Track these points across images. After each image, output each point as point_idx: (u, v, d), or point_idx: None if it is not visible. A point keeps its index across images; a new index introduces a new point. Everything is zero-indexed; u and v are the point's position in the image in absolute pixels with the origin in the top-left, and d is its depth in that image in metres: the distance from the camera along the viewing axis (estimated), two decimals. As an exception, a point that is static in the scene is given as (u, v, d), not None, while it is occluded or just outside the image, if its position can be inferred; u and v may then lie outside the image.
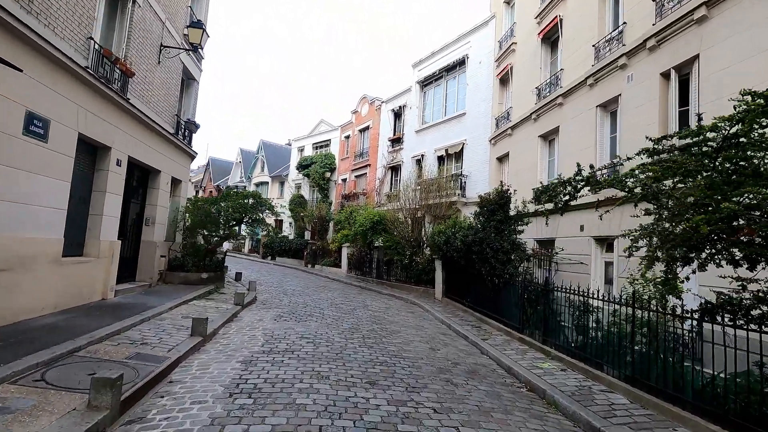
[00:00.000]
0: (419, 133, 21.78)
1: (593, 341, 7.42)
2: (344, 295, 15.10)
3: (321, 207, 27.72)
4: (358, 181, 27.49)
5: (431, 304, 14.02)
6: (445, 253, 14.10)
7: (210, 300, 10.76)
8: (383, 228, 18.90)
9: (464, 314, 12.40)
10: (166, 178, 11.52)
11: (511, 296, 10.50)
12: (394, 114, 24.50)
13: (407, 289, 17.04)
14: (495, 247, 10.63)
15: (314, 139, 33.82)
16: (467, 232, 11.85)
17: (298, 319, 9.76)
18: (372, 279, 19.64)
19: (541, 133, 12.88)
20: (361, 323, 9.96)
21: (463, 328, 10.49)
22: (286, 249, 30.19)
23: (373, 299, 14.67)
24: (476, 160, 17.85)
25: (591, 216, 10.00)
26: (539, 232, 12.37)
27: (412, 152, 21.98)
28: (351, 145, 29.01)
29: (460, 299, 13.54)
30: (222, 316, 8.99)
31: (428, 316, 12.31)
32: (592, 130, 10.39)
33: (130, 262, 10.59)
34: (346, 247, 22.68)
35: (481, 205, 11.83)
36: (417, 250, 17.57)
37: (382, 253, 19.41)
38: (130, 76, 8.79)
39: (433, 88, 21.49)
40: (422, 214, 17.90)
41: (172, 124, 11.71)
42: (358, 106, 28.49)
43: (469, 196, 17.81)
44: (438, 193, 17.60)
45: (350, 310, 11.68)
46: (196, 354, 6.48)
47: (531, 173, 13.29)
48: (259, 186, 40.49)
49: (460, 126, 19.05)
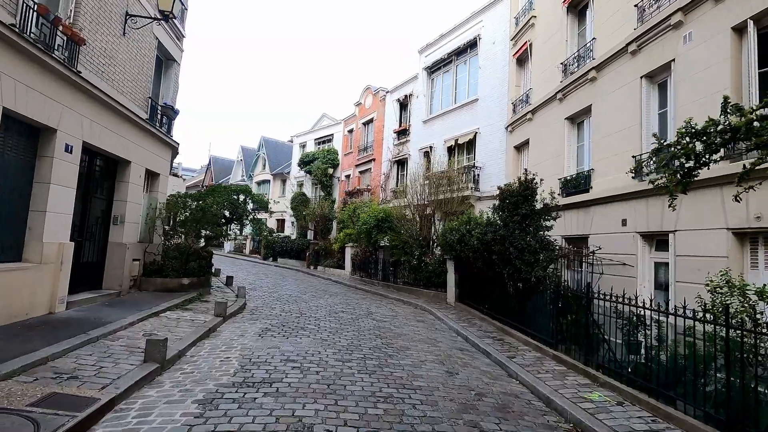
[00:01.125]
0: (427, 123, 20.17)
1: (655, 365, 5.80)
2: (346, 300, 13.56)
3: (323, 205, 26.21)
4: (362, 177, 25.95)
5: (443, 311, 12.44)
6: (459, 253, 12.50)
7: (187, 310, 9.26)
8: (389, 226, 17.33)
9: (482, 323, 10.80)
10: (138, 170, 10.03)
11: (540, 303, 8.89)
12: (399, 104, 22.90)
13: (416, 292, 15.46)
14: (520, 245, 9.01)
15: (316, 135, 32.33)
16: (485, 229, 10.24)
17: (287, 333, 8.22)
18: (377, 281, 18.08)
19: (569, 114, 11.23)
20: (362, 337, 8.40)
21: (483, 341, 8.90)
22: (287, 250, 28.75)
23: (379, 305, 13.11)
24: (490, 150, 16.21)
25: (637, 207, 8.36)
26: (568, 228, 10.72)
27: (419, 144, 20.38)
28: (354, 140, 27.46)
29: (477, 305, 11.95)
30: (195, 332, 7.48)
31: (441, 326, 10.73)
32: (635, 106, 8.73)
33: (94, 267, 9.12)
34: (349, 247, 21.15)
35: (501, 197, 10.21)
36: (426, 250, 15.98)
37: (388, 254, 17.85)
38: (81, 45, 7.29)
39: (442, 75, 19.87)
40: (432, 211, 16.31)
41: (144, 109, 10.22)
42: (361, 98, 26.94)
43: (483, 190, 16.18)
44: (449, 187, 15.99)
45: (351, 320, 10.13)
46: (144, 389, 4.96)
47: (556, 162, 11.65)
48: (260, 185, 39.11)
49: (471, 114, 17.41)
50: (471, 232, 11.58)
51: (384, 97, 24.32)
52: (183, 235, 12.24)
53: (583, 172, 10.56)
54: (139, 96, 10.00)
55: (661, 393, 5.39)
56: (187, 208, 11.71)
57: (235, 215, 13.22)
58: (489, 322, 10.77)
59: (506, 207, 9.86)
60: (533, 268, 8.89)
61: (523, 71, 14.92)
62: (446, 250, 13.80)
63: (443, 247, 14.05)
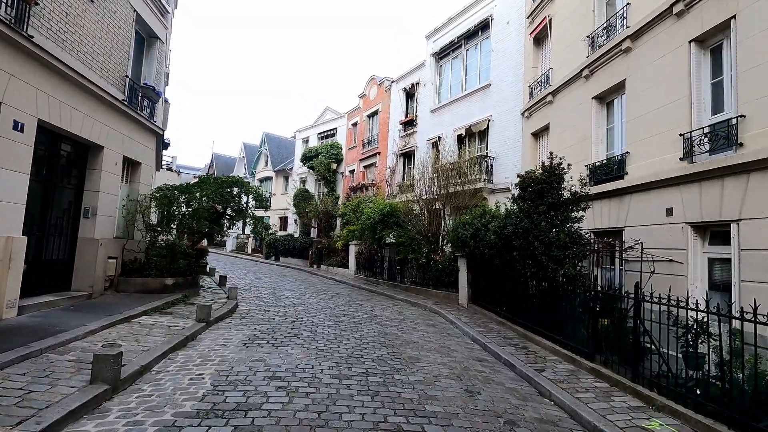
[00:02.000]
0: (435, 112, 18.96)
1: (733, 385, 4.59)
2: (349, 302, 12.41)
3: (326, 201, 25.07)
4: (367, 171, 24.78)
5: (455, 313, 11.25)
6: (473, 250, 11.31)
7: (166, 314, 8.16)
8: (395, 221, 16.15)
9: (500, 328, 9.61)
10: (113, 157, 8.94)
11: (570, 306, 7.67)
12: (405, 93, 21.70)
13: (424, 293, 14.29)
14: (546, 239, 7.80)
15: (319, 129, 31.21)
16: (505, 222, 9.04)
17: (278, 342, 7.08)
18: (383, 281, 16.92)
19: (597, 93, 9.98)
20: (365, 346, 7.25)
21: (504, 349, 7.71)
22: (290, 248, 27.68)
23: (384, 307, 11.95)
24: (505, 139, 14.98)
25: (686, 193, 7.12)
26: (597, 220, 9.49)
27: (427, 135, 19.18)
28: (359, 133, 26.31)
29: (492, 307, 10.76)
30: (168, 341, 6.36)
31: (454, 331, 9.55)
32: (682, 76, 7.48)
33: (61, 266, 8.05)
34: (353, 245, 20.01)
35: (522, 185, 9.00)
36: (435, 247, 14.80)
37: (395, 251, 16.69)
38: (31, 4, 6.20)
39: (451, 61, 18.64)
40: (441, 205, 15.11)
41: (120, 88, 9.12)
42: (365, 89, 25.77)
43: (497, 182, 14.95)
44: (459, 179, 14.79)
45: (353, 325, 8.98)
46: (81, 422, 3.84)
47: (581, 147, 10.40)
48: (263, 182, 38.10)
49: (484, 100, 16.18)
50: (487, 225, 10.39)
51: (389, 87, 23.13)
52: (169, 231, 11.18)
53: (615, 157, 9.32)
54: (114, 74, 8.91)
55: (750, 426, 4.17)
56: (174, 201, 10.65)
57: (229, 210, 12.10)
58: (508, 326, 9.58)
59: (529, 196, 8.64)
60: (562, 265, 7.67)
61: (541, 51, 13.66)
62: (458, 246, 12.61)
63: (454, 243, 12.87)
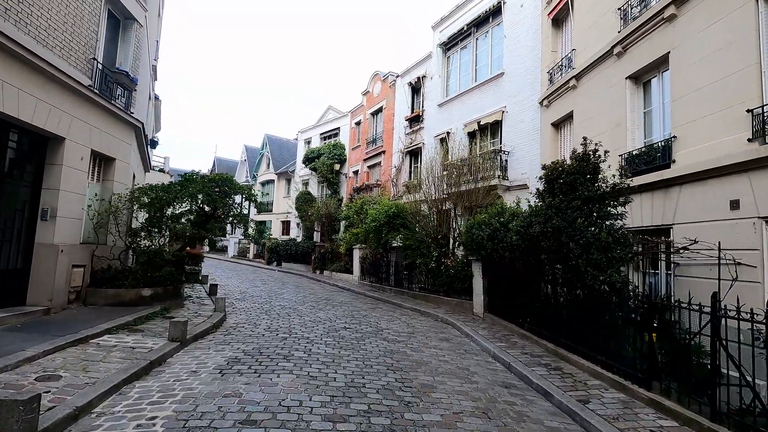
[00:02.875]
0: (443, 106, 17.75)
1: None
2: (351, 312, 11.17)
3: (329, 203, 23.89)
4: (372, 172, 23.60)
5: (471, 325, 9.99)
6: (489, 253, 10.05)
7: (135, 332, 6.97)
8: (402, 223, 14.93)
9: (524, 342, 8.33)
10: (77, 150, 7.80)
11: (613, 319, 6.39)
12: (411, 88, 20.52)
13: (435, 300, 13.03)
14: (584, 240, 6.52)
15: (322, 129, 30.11)
16: (530, 220, 7.76)
17: (262, 366, 5.85)
18: (389, 288, 15.68)
19: (632, 72, 8.71)
20: (368, 371, 6.00)
21: (534, 372, 6.44)
22: (292, 253, 26.51)
23: (391, 318, 10.70)
24: (520, 132, 13.72)
25: (758, 182, 5.83)
26: (636, 217, 8.19)
27: (434, 131, 17.96)
28: (362, 132, 25.15)
29: (513, 317, 9.49)
30: (125, 369, 5.16)
31: (471, 347, 8.28)
32: (748, 40, 6.20)
33: (13, 276, 6.89)
34: (357, 249, 18.79)
35: (549, 178, 7.73)
36: (446, 251, 13.55)
37: (402, 256, 15.45)
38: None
39: (459, 51, 17.43)
40: (451, 205, 13.87)
41: (86, 73, 8.00)
42: (369, 86, 24.63)
43: (513, 179, 13.68)
44: (471, 176, 13.54)
45: (355, 342, 7.74)
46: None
47: (614, 134, 9.12)
48: (265, 185, 37.06)
49: (496, 91, 14.95)
50: (506, 225, 9.13)
51: (394, 82, 21.97)
52: (150, 236, 10.02)
53: (657, 144, 8.03)
54: (79, 56, 7.78)
55: None
56: (161, 202, 9.52)
57: (217, 211, 10.94)
58: (533, 341, 8.30)
59: (559, 189, 7.37)
60: (604, 270, 6.39)
61: (561, 33, 12.41)
62: (472, 249, 11.35)
63: (468, 246, 11.60)
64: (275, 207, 34.63)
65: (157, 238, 10.23)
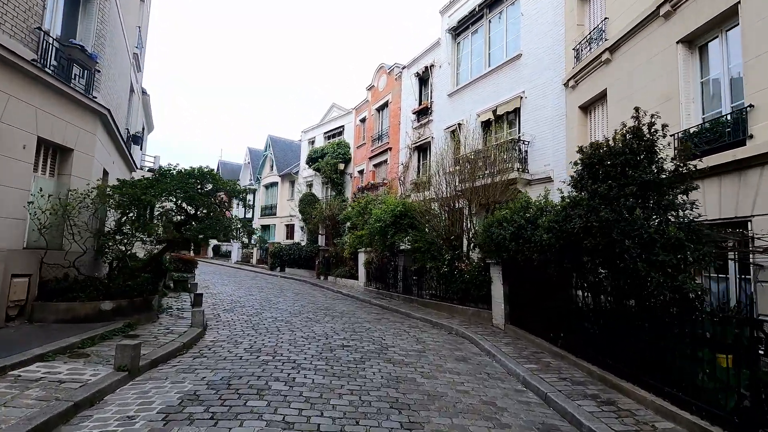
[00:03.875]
0: (454, 96, 16.31)
1: None
2: (352, 325, 9.74)
3: (332, 204, 22.51)
4: (378, 170, 22.21)
5: (491, 339, 8.51)
6: (513, 255, 8.57)
7: (79, 357, 5.61)
8: (409, 223, 13.50)
9: (558, 362, 6.83)
10: (20, 138, 6.51)
11: (686, 340, 4.86)
12: (418, 79, 19.11)
13: (448, 309, 11.55)
14: (646, 236, 5.02)
15: (326, 128, 28.83)
16: (569, 213, 6.26)
17: (224, 407, 4.43)
18: (397, 294, 14.22)
19: (686, 34, 7.20)
20: (366, 410, 4.56)
21: (581, 407, 4.95)
22: (295, 258, 25.16)
23: (398, 331, 9.24)
24: (541, 119, 12.23)
25: None
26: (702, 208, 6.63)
27: (444, 123, 16.52)
28: (367, 129, 23.80)
29: (543, 331, 8.00)
30: (29, 418, 3.78)
31: (495, 369, 6.79)
32: None
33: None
34: (362, 253, 17.37)
35: (589, 161, 6.24)
36: (459, 253, 12.07)
37: (410, 259, 14.00)
38: None
39: (470, 35, 16.00)
40: (465, 202, 12.39)
41: (28, 44, 6.72)
42: (374, 80, 23.29)
43: (534, 171, 12.18)
44: (487, 170, 12.07)
45: (353, 366, 6.30)
46: None
47: (664, 110, 7.52)
48: (269, 188, 35.91)
49: (513, 75, 13.48)
50: (534, 221, 7.65)
51: (400, 74, 20.59)
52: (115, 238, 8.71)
53: (723, 118, 6.51)
54: (16, 23, 6.50)
55: None
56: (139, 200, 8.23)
57: (199, 211, 9.61)
58: (570, 361, 6.79)
59: (607, 173, 5.87)
60: (674, 275, 4.88)
61: (588, 2, 10.92)
62: (490, 251, 9.88)
63: (485, 247, 10.13)
64: (279, 210, 33.41)
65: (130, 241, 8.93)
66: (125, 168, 12.88)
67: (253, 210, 37.15)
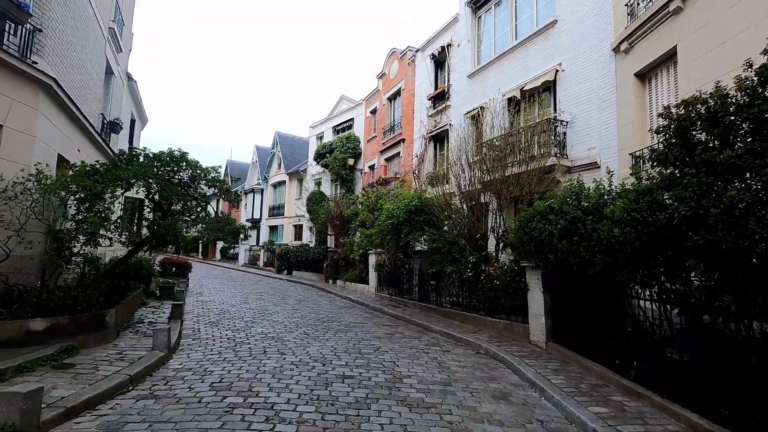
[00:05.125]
0: (475, 77, 14.44)
1: None
2: (359, 342, 7.94)
3: (341, 202, 20.78)
4: (390, 164, 20.42)
5: (534, 363, 6.64)
6: (562, 256, 6.67)
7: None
8: (426, 220, 11.68)
9: (634, 403, 4.92)
10: None
11: None
12: (434, 61, 17.26)
13: (473, 321, 9.71)
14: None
15: (334, 122, 27.16)
16: (662, 196, 4.36)
17: None
18: (413, 302, 12.41)
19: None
20: None
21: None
22: (303, 260, 23.50)
23: (415, 351, 7.40)
24: (583, 94, 10.30)
25: None
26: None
27: (464, 107, 14.65)
28: (378, 120, 22.03)
29: (601, 355, 6.11)
30: None
31: (548, 412, 4.91)
32: None
33: None
34: (373, 255, 15.59)
35: (685, 125, 4.33)
36: (486, 254, 10.20)
37: (427, 262, 12.19)
38: None
39: (493, 6, 14.10)
40: (492, 195, 10.51)
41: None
42: (385, 67, 21.52)
43: (576, 157, 10.25)
44: (516, 157, 10.20)
45: (353, 411, 4.50)
46: None
47: None
48: (276, 187, 34.41)
49: (546, 46, 11.57)
50: (599, 210, 5.75)
51: (413, 58, 18.77)
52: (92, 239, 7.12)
53: None
54: None
55: None
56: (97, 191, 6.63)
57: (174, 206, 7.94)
58: (653, 403, 4.90)
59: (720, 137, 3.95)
60: None
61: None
62: (527, 252, 8.01)
63: (521, 247, 8.25)
64: (287, 210, 31.86)
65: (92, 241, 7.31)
66: (98, 153, 11.27)
67: (261, 210, 35.72)
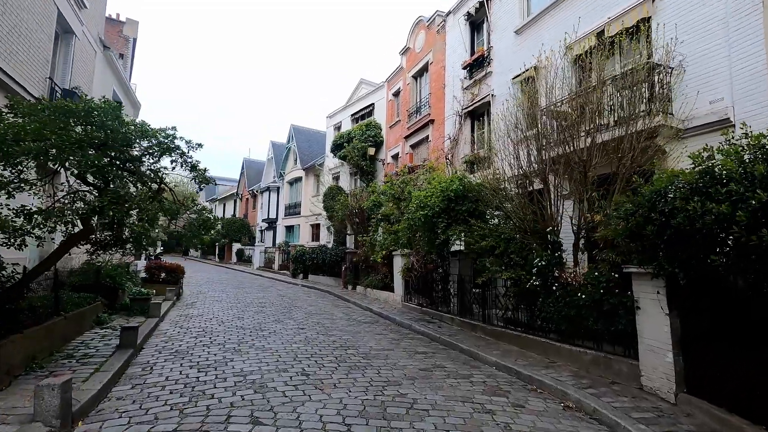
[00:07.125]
0: (524, 31, 11.52)
1: None
2: (382, 388, 5.13)
3: (360, 195, 18.04)
4: (416, 152, 17.58)
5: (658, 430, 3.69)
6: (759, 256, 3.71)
7: None
8: (470, 210, 8.83)
9: None
10: None
11: None
12: (469, 22, 14.36)
13: (538, 347, 6.86)
14: None
15: (353, 109, 24.51)
16: None
17: None
18: (449, 316, 9.59)
19: None
20: None
21: None
22: (319, 263, 20.95)
23: (470, 409, 4.53)
24: (700, 23, 7.27)
25: None
26: None
27: (510, 72, 11.70)
28: (402, 102, 19.25)
29: None
30: None
31: None
32: None
33: None
34: (399, 256, 12.81)
35: None
36: (559, 256, 7.23)
37: (468, 265, 9.34)
38: None
39: (548, -59, 11.12)
40: (565, 175, 7.56)
41: None
42: (409, 40, 18.71)
43: (693, 114, 7.19)
44: (605, 118, 7.23)
45: None
46: None
47: None
48: (293, 184, 32.07)
49: (631, -27, 8.53)
50: None
51: (443, 24, 15.90)
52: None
53: None
54: None
55: None
56: None
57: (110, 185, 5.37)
58: None
59: None
60: None
61: None
62: (643, 255, 5.08)
63: (630, 246, 5.31)
64: (303, 209, 29.41)
65: None
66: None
67: (278, 210, 33.45)
